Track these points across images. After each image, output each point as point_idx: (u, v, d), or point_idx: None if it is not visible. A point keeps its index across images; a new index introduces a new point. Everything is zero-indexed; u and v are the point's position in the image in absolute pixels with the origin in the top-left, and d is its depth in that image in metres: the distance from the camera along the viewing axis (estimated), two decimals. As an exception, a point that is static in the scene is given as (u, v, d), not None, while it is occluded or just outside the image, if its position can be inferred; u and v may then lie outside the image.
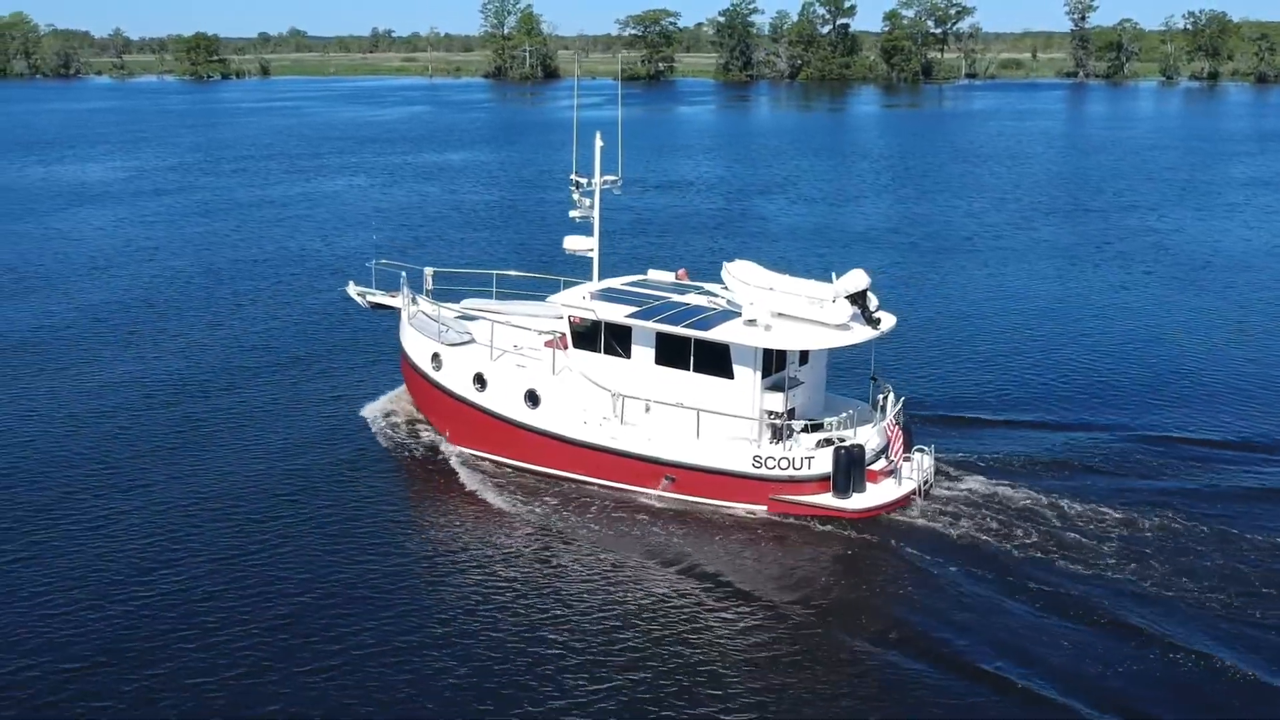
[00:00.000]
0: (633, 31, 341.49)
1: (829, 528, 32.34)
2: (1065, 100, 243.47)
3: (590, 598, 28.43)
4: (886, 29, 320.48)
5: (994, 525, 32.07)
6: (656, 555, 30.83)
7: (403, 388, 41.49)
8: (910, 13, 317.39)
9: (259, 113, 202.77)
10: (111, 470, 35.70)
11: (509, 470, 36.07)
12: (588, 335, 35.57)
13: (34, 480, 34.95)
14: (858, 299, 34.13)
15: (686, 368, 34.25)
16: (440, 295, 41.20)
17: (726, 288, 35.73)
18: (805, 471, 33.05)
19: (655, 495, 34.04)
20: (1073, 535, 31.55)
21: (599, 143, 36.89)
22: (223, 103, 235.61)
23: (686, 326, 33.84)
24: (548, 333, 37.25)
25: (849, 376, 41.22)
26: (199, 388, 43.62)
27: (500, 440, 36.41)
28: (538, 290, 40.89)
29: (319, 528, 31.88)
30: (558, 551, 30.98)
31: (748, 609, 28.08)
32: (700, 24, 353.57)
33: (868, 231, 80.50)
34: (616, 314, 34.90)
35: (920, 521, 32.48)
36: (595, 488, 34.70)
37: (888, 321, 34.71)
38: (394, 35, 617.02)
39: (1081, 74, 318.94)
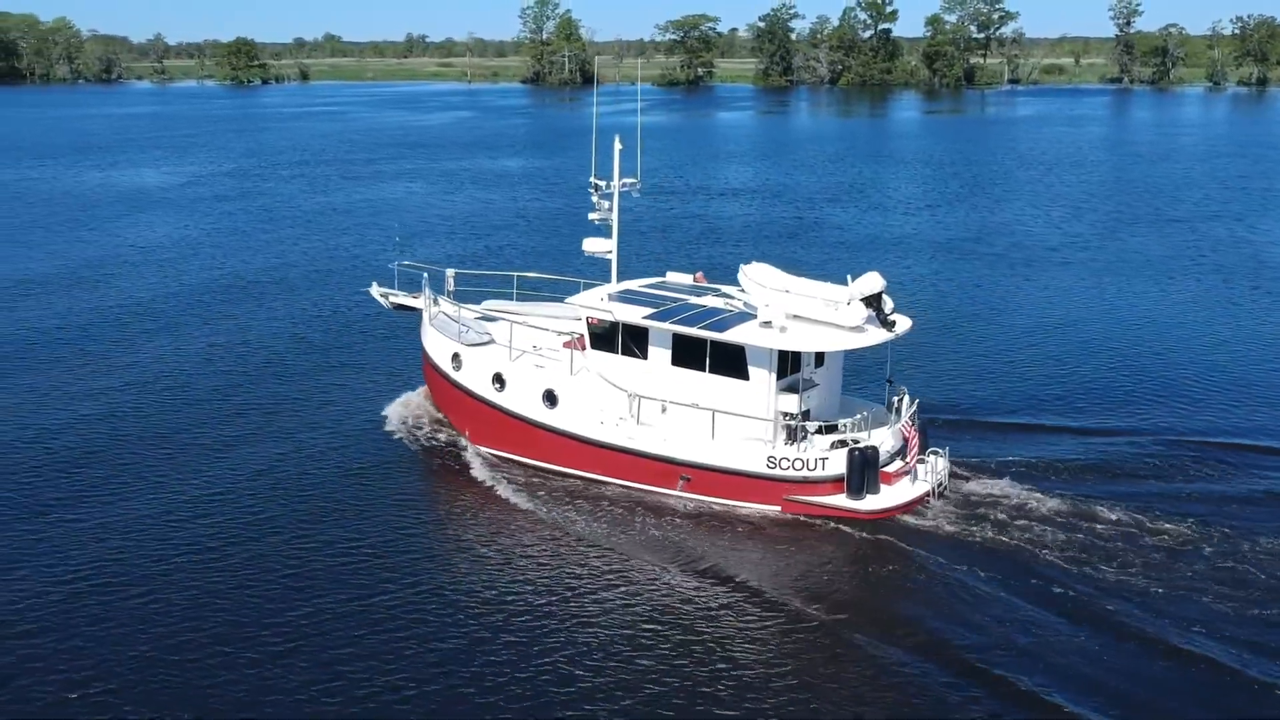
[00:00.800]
0: (672, 37, 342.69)
1: (843, 528, 32.78)
2: (1113, 106, 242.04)
3: (603, 596, 28.97)
4: (928, 34, 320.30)
5: (1008, 528, 32.38)
6: (671, 555, 31.35)
7: (424, 387, 42.27)
8: (953, 18, 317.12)
9: (305, 117, 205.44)
10: (134, 462, 36.86)
11: (527, 470, 36.73)
12: (605, 336, 36.19)
13: (65, 468, 36.21)
14: (873, 301, 34.57)
15: (702, 369, 34.79)
16: (463, 297, 42.00)
17: (743, 290, 36.24)
18: (819, 473, 33.51)
19: (671, 495, 34.58)
20: (1087, 539, 31.79)
21: (618, 146, 37.54)
22: (267, 107, 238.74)
23: (702, 328, 34.39)
24: (566, 334, 37.90)
25: (867, 379, 41.64)
26: (227, 385, 44.97)
27: (519, 440, 37.10)
28: (558, 292, 41.54)
29: (337, 524, 32.64)
30: (572, 550, 31.54)
31: (760, 609, 28.50)
32: (735, 29, 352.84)
33: (949, 241, 78.93)
34: (634, 315, 35.50)
35: (934, 523, 32.85)
36: (612, 487, 35.30)
37: (903, 324, 35.13)
38: (428, 40, 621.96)
39: (1126, 80, 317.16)
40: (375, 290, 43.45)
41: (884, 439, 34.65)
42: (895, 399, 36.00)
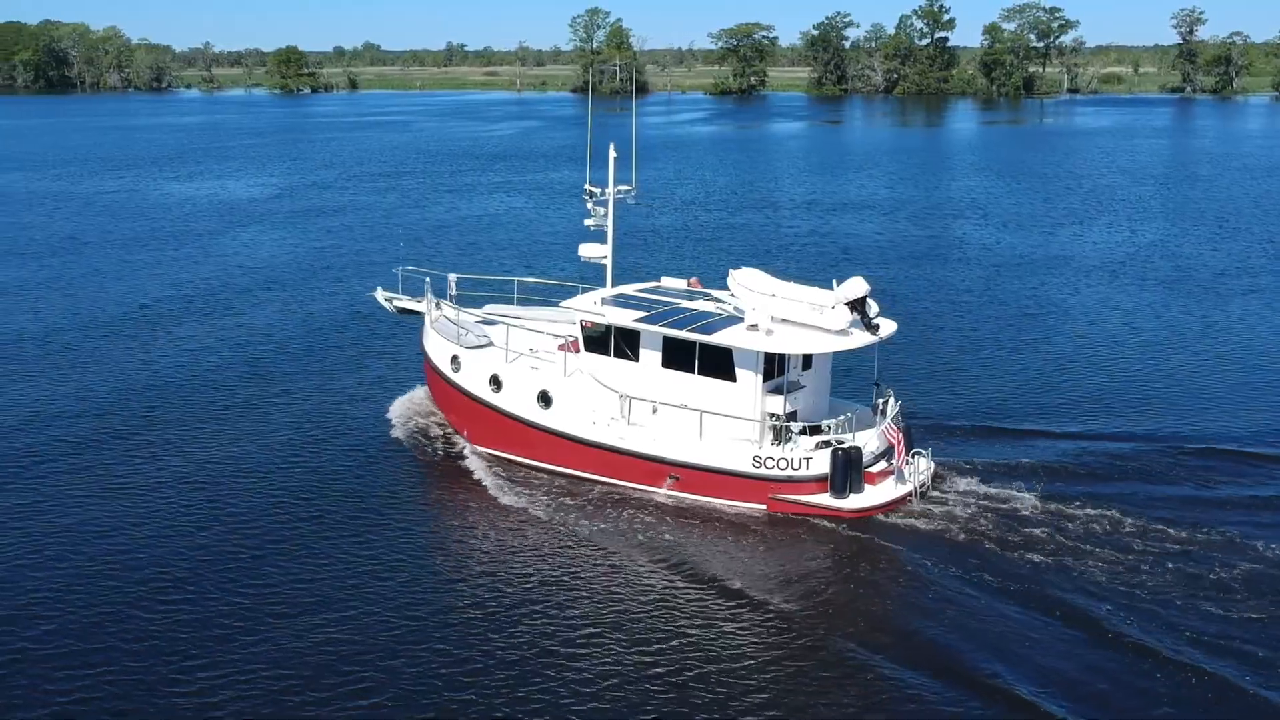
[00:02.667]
0: (725, 45, 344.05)
1: (827, 527, 34.20)
2: (1182, 116, 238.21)
3: (590, 591, 30.45)
4: (986, 43, 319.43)
5: (989, 528, 33.67)
6: (658, 552, 32.82)
7: (425, 389, 44.33)
8: (1011, 26, 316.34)
9: (369, 127, 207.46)
10: (149, 441, 39.24)
11: (522, 469, 38.51)
12: (599, 339, 37.91)
13: (69, 452, 38.81)
14: (857, 305, 36.07)
15: (692, 370, 36.43)
16: (465, 301, 43.97)
17: (733, 295, 37.87)
18: (804, 472, 35.01)
19: (660, 494, 36.20)
20: (1067, 540, 33.00)
21: (613, 154, 39.28)
22: (328, 117, 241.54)
23: (691, 331, 36.03)
24: (561, 336, 39.67)
25: (859, 381, 43.16)
26: (239, 378, 47.77)
27: (514, 439, 38.92)
28: (561, 296, 43.25)
29: (337, 521, 34.43)
30: (561, 547, 33.08)
31: (744, 607, 29.77)
32: (776, 38, 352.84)
33: (1107, 263, 75.89)
34: (625, 318, 37.21)
35: (916, 523, 34.21)
36: (603, 486, 36.97)
37: (887, 327, 36.62)
38: (467, 49, 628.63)
39: (1189, 89, 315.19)
40: (380, 294, 45.49)
41: (868, 440, 36.10)
42: (880, 401, 37.47)
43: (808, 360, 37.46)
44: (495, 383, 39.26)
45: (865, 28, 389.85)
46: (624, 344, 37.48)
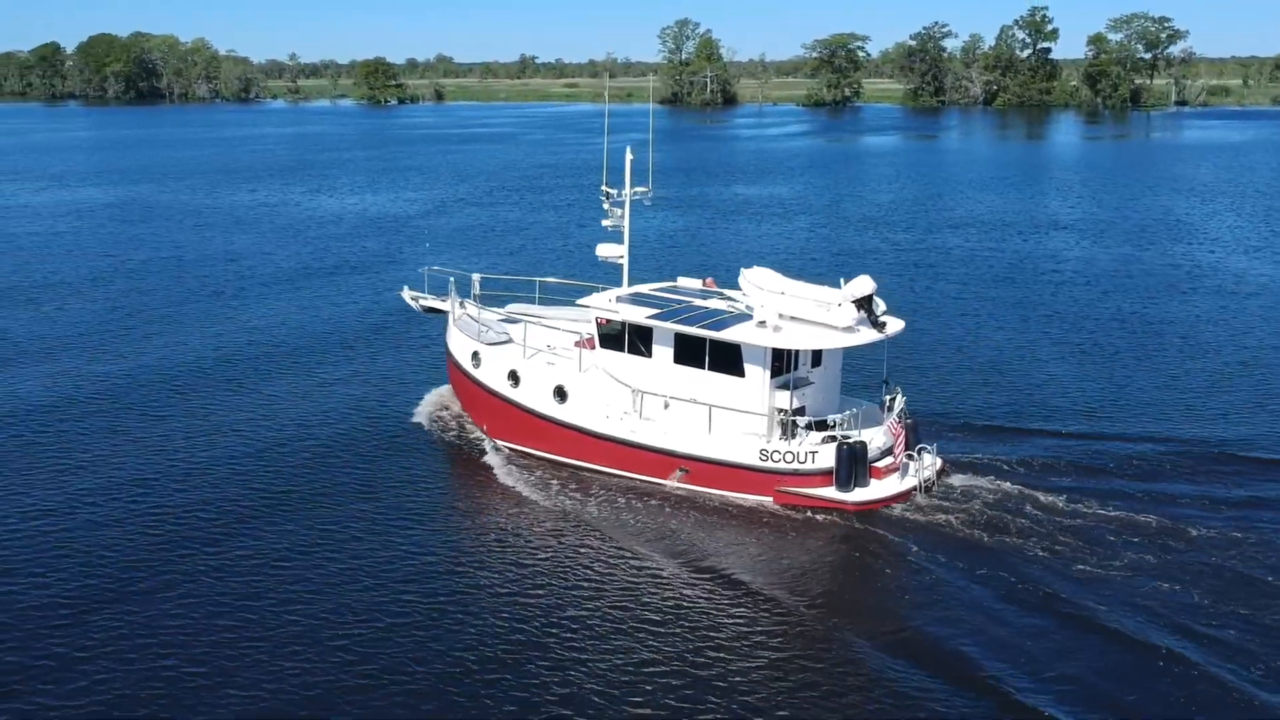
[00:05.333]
0: (819, 56, 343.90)
1: (832, 519, 35.64)
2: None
3: (600, 581, 31.77)
4: (1090, 53, 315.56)
5: (992, 523, 34.77)
6: (666, 542, 34.40)
7: (449, 385, 46.57)
8: (1118, 36, 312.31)
9: (479, 139, 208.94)
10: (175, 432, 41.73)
11: (539, 462, 40.44)
12: (613, 336, 39.77)
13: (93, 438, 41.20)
14: (864, 303, 37.55)
15: (702, 366, 38.11)
16: (490, 300, 46.18)
17: (744, 293, 39.55)
18: (809, 465, 36.54)
19: (671, 486, 37.93)
20: (1070, 537, 33.90)
21: (629, 156, 41.18)
22: (427, 128, 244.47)
23: (702, 327, 37.76)
24: (578, 334, 41.63)
25: (870, 378, 44.64)
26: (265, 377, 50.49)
27: (532, 433, 40.90)
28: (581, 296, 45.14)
29: (360, 513, 36.21)
30: (573, 537, 34.71)
31: (746, 596, 31.05)
32: (864, 49, 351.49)
33: (1179, 280, 73.93)
34: (639, 315, 39.04)
35: (920, 517, 35.44)
36: (616, 478, 38.78)
37: (894, 325, 38.06)
38: (539, 61, 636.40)
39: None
40: (407, 294, 47.83)
41: (874, 435, 37.54)
42: (888, 398, 38.91)
43: (818, 357, 38.95)
44: (513, 378, 41.27)
45: (963, 38, 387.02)
46: (637, 340, 39.25)
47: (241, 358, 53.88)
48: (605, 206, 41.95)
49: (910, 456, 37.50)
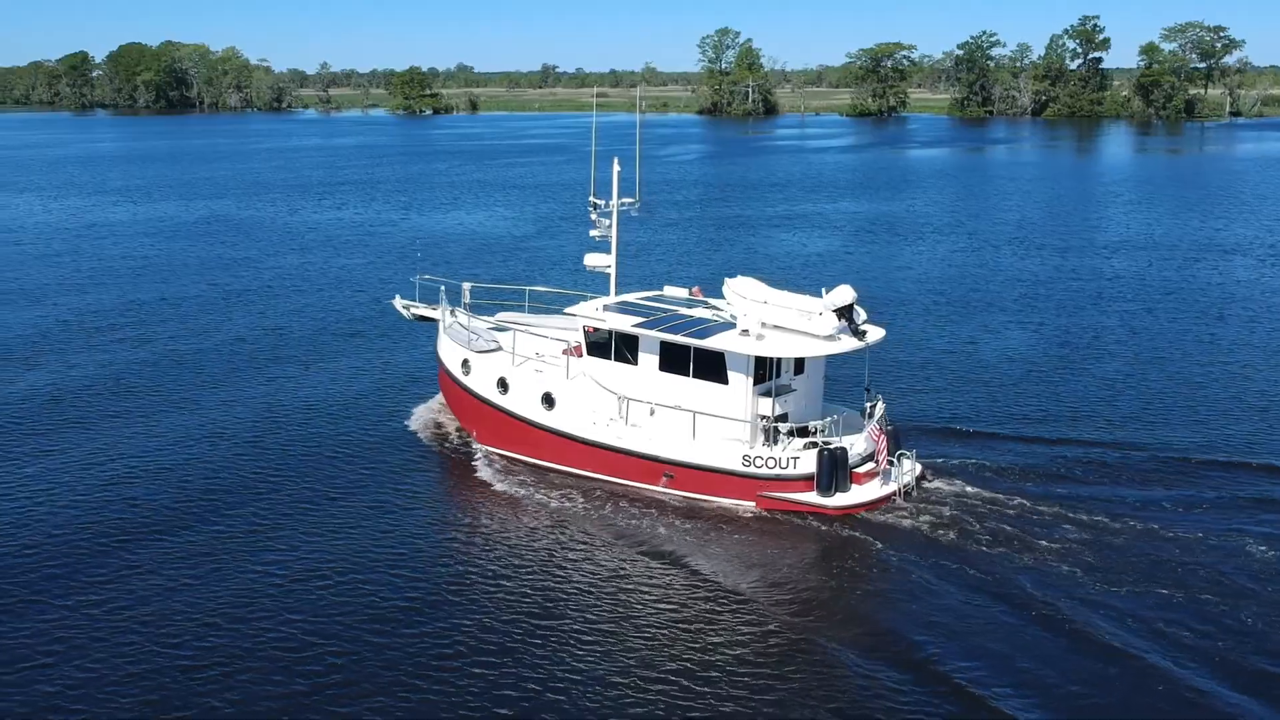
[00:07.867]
0: (863, 65, 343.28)
1: (813, 524, 36.64)
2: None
3: (585, 585, 32.81)
4: (1143, 63, 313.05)
5: (971, 528, 35.77)
6: (651, 546, 35.46)
7: (440, 393, 47.86)
8: (1172, 46, 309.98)
9: (530, 151, 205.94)
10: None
11: (527, 468, 41.65)
12: (600, 343, 41.00)
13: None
14: (844, 312, 38.66)
15: (687, 373, 39.29)
16: (479, 309, 47.47)
17: (729, 303, 40.70)
18: (791, 471, 37.64)
19: (656, 491, 39.05)
20: (1047, 542, 34.85)
21: (616, 167, 42.45)
22: (471, 139, 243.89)
23: (687, 336, 38.95)
24: (565, 341, 42.89)
25: (848, 386, 45.86)
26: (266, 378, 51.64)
27: (520, 440, 42.16)
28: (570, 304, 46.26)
29: (349, 519, 37.37)
30: (560, 543, 35.75)
31: (728, 600, 32.02)
32: (912, 57, 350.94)
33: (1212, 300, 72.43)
34: (625, 324, 40.24)
35: (901, 522, 36.47)
36: (603, 484, 39.95)
37: (874, 334, 39.13)
38: (559, 70, 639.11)
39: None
40: (398, 302, 49.24)
41: (856, 441, 38.62)
42: (869, 405, 39.99)
43: (800, 365, 40.05)
44: (502, 385, 42.54)
45: (1010, 47, 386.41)
46: (624, 348, 40.46)
47: (233, 363, 55.61)
48: (593, 217, 43.21)
49: (891, 462, 38.52)
